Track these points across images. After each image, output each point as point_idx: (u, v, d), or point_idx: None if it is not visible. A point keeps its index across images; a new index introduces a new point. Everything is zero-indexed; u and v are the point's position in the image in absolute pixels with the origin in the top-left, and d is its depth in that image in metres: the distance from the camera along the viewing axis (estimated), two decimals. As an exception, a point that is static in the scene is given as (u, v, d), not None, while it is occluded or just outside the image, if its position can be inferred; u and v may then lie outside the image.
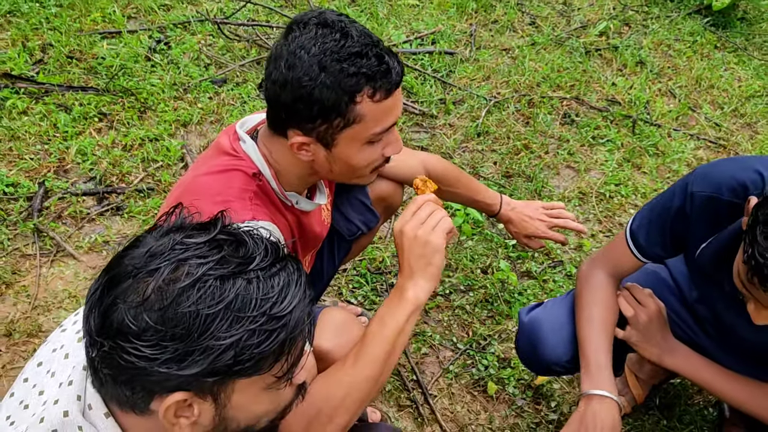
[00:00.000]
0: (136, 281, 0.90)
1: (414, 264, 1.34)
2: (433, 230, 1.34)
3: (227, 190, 1.39)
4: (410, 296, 1.34)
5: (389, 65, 1.32)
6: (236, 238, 0.96)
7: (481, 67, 3.61)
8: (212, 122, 3.08)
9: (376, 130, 1.35)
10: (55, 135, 2.88)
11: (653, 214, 1.69)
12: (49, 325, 2.27)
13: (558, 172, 3.10)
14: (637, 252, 1.73)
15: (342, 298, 2.46)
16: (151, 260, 0.91)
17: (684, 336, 1.87)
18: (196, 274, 0.89)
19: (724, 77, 3.84)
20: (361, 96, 1.30)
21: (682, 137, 3.37)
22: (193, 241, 0.93)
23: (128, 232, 2.56)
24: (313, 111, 1.30)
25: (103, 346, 0.90)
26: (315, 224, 1.65)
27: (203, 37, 3.52)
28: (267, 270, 0.93)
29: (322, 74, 1.27)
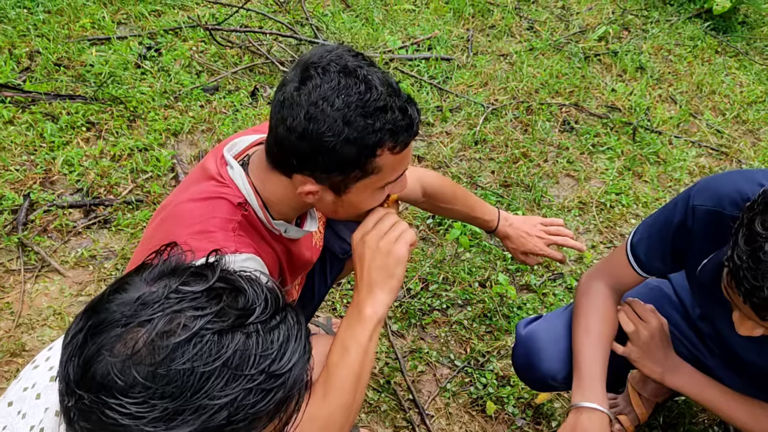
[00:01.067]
0: (126, 331, 0.82)
1: (375, 276, 1.30)
2: (396, 241, 1.30)
3: (210, 220, 1.32)
4: (369, 313, 1.29)
5: (412, 118, 1.27)
6: (235, 285, 0.88)
7: (478, 74, 3.54)
8: (204, 131, 3.01)
9: (390, 179, 1.32)
10: (41, 145, 2.81)
11: (654, 228, 1.64)
12: (33, 344, 2.20)
13: (557, 181, 3.04)
14: (636, 266, 1.67)
15: (336, 314, 2.39)
16: (142, 309, 0.83)
17: (688, 354, 1.81)
18: (192, 328, 0.82)
19: (725, 83, 3.78)
20: (382, 150, 1.25)
21: (683, 144, 3.30)
22: (190, 289, 0.85)
23: (116, 247, 2.49)
24: (332, 164, 1.25)
25: (82, 398, 0.82)
26: (304, 250, 1.58)
27: (195, 43, 3.45)
28: (266, 323, 0.86)
29: (347, 129, 1.21)
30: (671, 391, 2.16)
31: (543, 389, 2.00)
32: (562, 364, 1.77)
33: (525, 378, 1.91)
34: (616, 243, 2.78)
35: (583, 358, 1.66)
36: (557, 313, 1.90)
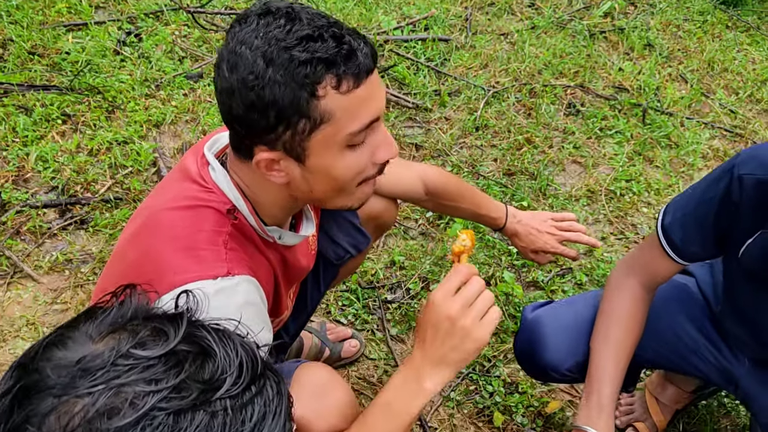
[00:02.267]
0: (60, 404, 0.66)
1: (446, 353, 1.13)
2: (480, 321, 1.12)
3: (196, 234, 1.14)
4: (429, 388, 1.13)
5: (352, 46, 1.06)
6: (203, 347, 0.71)
7: (477, 54, 3.35)
8: (187, 122, 2.83)
9: (352, 128, 1.09)
10: (14, 140, 2.63)
11: (690, 206, 1.46)
12: (5, 358, 2.04)
13: (564, 168, 2.87)
14: (672, 252, 1.49)
15: (330, 317, 2.23)
16: (82, 377, 0.67)
17: (715, 362, 1.65)
18: (142, 407, 0.65)
19: (737, 59, 3.59)
20: (323, 88, 1.05)
21: (695, 126, 3.13)
22: (144, 354, 0.68)
23: (93, 249, 2.32)
24: (270, 117, 1.06)
25: None
26: (300, 257, 1.41)
27: (177, 27, 3.25)
28: (238, 398, 0.69)
29: (270, 69, 1.03)
30: (692, 397, 2.02)
31: (543, 379, 1.88)
32: (567, 355, 1.66)
33: (525, 366, 1.79)
34: (627, 234, 2.62)
35: (597, 374, 1.53)
36: (569, 300, 1.79)
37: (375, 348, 2.16)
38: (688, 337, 1.69)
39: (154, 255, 1.15)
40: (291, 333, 1.74)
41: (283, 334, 1.72)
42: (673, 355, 1.70)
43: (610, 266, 2.46)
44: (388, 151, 1.17)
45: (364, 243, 1.71)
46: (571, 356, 1.65)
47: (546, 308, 1.74)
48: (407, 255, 2.42)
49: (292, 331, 1.74)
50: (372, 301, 2.28)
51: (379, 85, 1.13)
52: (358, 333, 2.17)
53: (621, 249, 2.56)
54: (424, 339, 1.14)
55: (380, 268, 2.37)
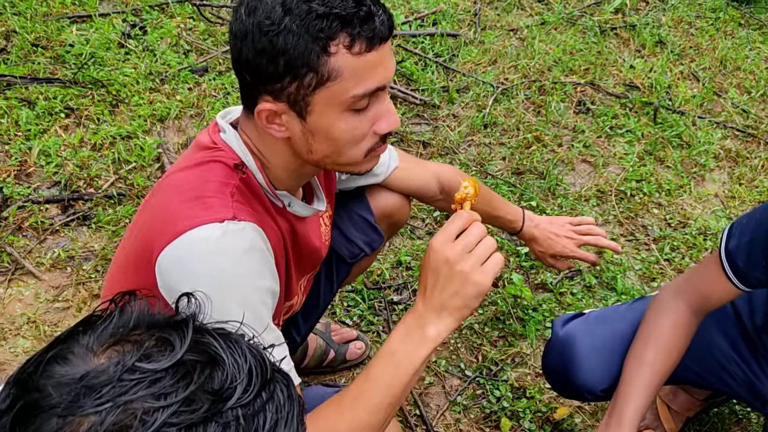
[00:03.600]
0: (66, 424, 0.62)
1: (446, 299, 1.09)
2: (482, 266, 1.08)
3: (204, 185, 1.15)
4: (433, 335, 1.09)
5: (371, 10, 1.07)
6: (210, 355, 0.67)
7: (486, 50, 3.31)
8: (192, 116, 2.79)
9: (357, 91, 1.09)
10: (16, 134, 2.59)
11: (758, 231, 1.38)
12: (6, 357, 2.01)
13: (573, 168, 2.82)
14: (734, 277, 1.42)
15: (336, 318, 2.20)
16: (87, 394, 0.63)
17: (743, 376, 1.61)
18: (152, 424, 0.61)
19: (750, 58, 3.54)
20: (336, 45, 1.05)
21: (707, 126, 3.08)
22: (150, 368, 0.64)
23: (95, 246, 2.29)
24: (279, 66, 1.06)
25: None
26: (312, 236, 1.39)
27: (182, 20, 3.21)
28: (250, 406, 0.65)
29: (287, 18, 1.03)
30: (703, 404, 1.98)
31: (573, 398, 1.82)
32: (602, 376, 1.59)
33: (555, 383, 1.74)
34: (637, 235, 2.58)
35: (624, 394, 1.47)
36: (602, 316, 1.70)
37: (381, 350, 2.13)
38: (719, 352, 1.64)
39: (163, 209, 1.16)
40: (302, 333, 1.71)
41: (294, 334, 1.69)
42: (703, 371, 1.65)
43: (620, 269, 2.42)
44: (390, 122, 1.16)
45: (378, 241, 1.68)
46: (607, 378, 1.58)
47: (578, 323, 1.67)
48: (414, 255, 2.39)
49: (303, 331, 1.71)
50: (378, 302, 2.25)
51: (390, 55, 1.13)
52: (364, 335, 2.13)
53: (631, 251, 2.52)
54: (425, 286, 1.11)
55: (386, 268, 2.33)
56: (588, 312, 1.73)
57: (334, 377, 2.06)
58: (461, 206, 1.17)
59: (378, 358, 1.11)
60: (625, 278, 2.40)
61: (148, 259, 1.13)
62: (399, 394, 1.09)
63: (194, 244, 1.08)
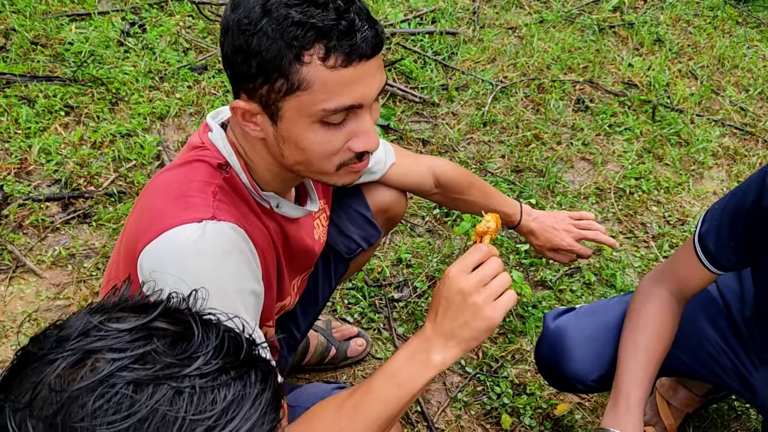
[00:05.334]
0: (32, 373, 0.67)
1: (455, 329, 1.08)
2: (494, 301, 1.08)
3: (187, 184, 1.15)
4: (437, 362, 1.08)
5: (353, 25, 1.03)
6: (180, 328, 0.70)
7: (485, 49, 3.31)
8: (191, 114, 2.80)
9: (328, 105, 1.06)
10: (16, 132, 2.59)
11: (724, 214, 1.43)
12: (7, 354, 2.02)
13: (572, 166, 2.83)
14: (707, 261, 1.46)
15: (337, 316, 2.20)
16: (57, 346, 0.68)
17: (731, 367, 1.63)
18: (101, 372, 0.65)
19: (747, 56, 3.55)
20: (309, 55, 1.03)
21: (705, 123, 3.09)
22: (115, 326, 0.69)
23: (96, 244, 2.29)
24: (252, 66, 1.05)
25: None
26: (305, 236, 1.39)
27: (181, 18, 3.21)
28: (211, 377, 0.67)
29: (265, 19, 1.02)
30: (702, 400, 1.99)
31: (565, 390, 1.84)
32: (592, 366, 1.62)
33: (548, 375, 1.76)
34: (636, 233, 2.59)
35: (625, 378, 1.48)
36: (592, 308, 1.73)
37: (381, 347, 2.14)
38: (709, 343, 1.65)
39: (147, 209, 1.17)
40: (302, 329, 1.71)
41: (294, 330, 1.69)
42: (694, 362, 1.67)
43: (619, 266, 2.43)
44: (366, 142, 1.13)
45: (375, 236, 1.68)
46: (597, 367, 1.61)
47: (569, 317, 1.70)
48: (414, 253, 2.39)
49: (303, 328, 1.72)
50: (378, 300, 2.25)
51: (373, 73, 1.09)
52: (364, 332, 2.14)
53: (630, 248, 2.53)
54: (436, 312, 1.11)
55: (387, 266, 2.34)
56: (579, 306, 1.75)
57: (335, 374, 2.07)
58: (481, 239, 1.18)
59: (381, 373, 1.11)
60: (624, 275, 2.41)
61: (134, 258, 1.13)
62: (396, 412, 1.09)
63: (172, 244, 1.08)
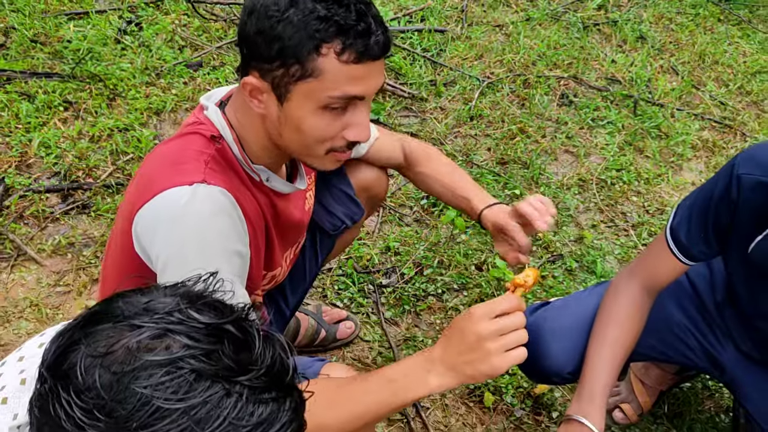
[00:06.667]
0: (114, 329, 0.74)
1: (460, 363, 1.14)
2: (504, 353, 1.14)
3: (181, 153, 1.24)
4: (433, 384, 1.15)
5: (370, 28, 1.15)
6: (246, 338, 0.77)
7: (473, 45, 3.41)
8: (187, 109, 2.88)
9: (334, 93, 1.17)
10: (16, 126, 2.68)
11: (694, 206, 1.49)
12: (9, 338, 2.10)
13: (556, 158, 2.93)
14: (678, 252, 1.51)
15: (327, 300, 2.29)
16: (142, 314, 0.75)
17: (699, 347, 1.72)
18: (173, 354, 0.71)
19: (728, 52, 3.65)
20: (327, 48, 1.14)
21: (686, 117, 3.19)
22: (196, 317, 0.75)
23: (95, 233, 2.38)
24: (272, 49, 1.15)
25: (45, 382, 0.74)
26: (293, 210, 1.47)
27: (177, 16, 3.30)
28: (256, 392, 0.73)
29: (292, 9, 1.13)
30: (675, 378, 2.09)
31: (544, 382, 1.91)
32: (569, 359, 1.68)
33: (526, 369, 1.81)
34: (617, 222, 2.68)
35: (591, 368, 1.56)
36: (566, 301, 1.81)
37: (370, 330, 2.23)
38: (677, 326, 1.74)
39: (145, 176, 1.26)
40: (291, 306, 1.79)
41: (283, 306, 1.77)
42: (664, 346, 1.74)
43: (600, 253, 2.53)
44: (360, 133, 1.24)
45: (358, 214, 1.77)
46: (573, 360, 1.66)
47: (544, 312, 1.76)
48: (402, 241, 2.48)
49: (292, 304, 1.79)
50: (367, 286, 2.34)
51: (378, 73, 1.21)
52: (354, 316, 2.23)
53: (611, 236, 2.63)
54: (449, 341, 1.16)
55: (375, 253, 2.43)
56: (553, 300, 1.82)
57: (325, 355, 2.15)
58: (514, 290, 1.24)
59: (379, 376, 1.18)
60: (604, 262, 2.50)
61: (130, 221, 1.22)
62: (381, 414, 1.17)
63: (164, 204, 1.17)
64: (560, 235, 2.59)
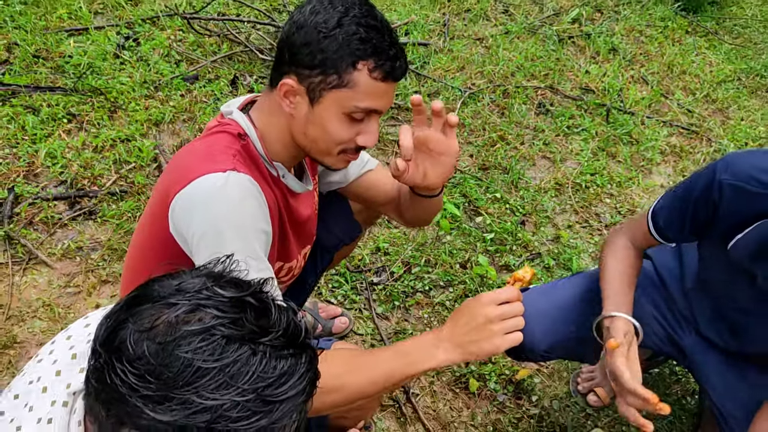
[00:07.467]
0: (154, 308, 0.89)
1: (466, 341, 1.32)
2: (504, 335, 1.31)
3: (212, 147, 1.41)
4: (440, 358, 1.32)
5: (398, 54, 1.35)
6: (263, 306, 0.92)
7: (455, 58, 3.59)
8: (185, 120, 3.04)
9: (361, 104, 1.35)
10: (23, 138, 2.82)
11: (676, 198, 1.68)
12: (24, 336, 2.24)
13: (534, 163, 3.11)
14: (654, 232, 1.73)
15: (322, 298, 2.45)
16: (176, 294, 0.90)
17: (663, 333, 1.89)
18: (206, 324, 0.87)
19: (695, 62, 3.87)
20: (362, 65, 1.32)
21: (655, 124, 3.39)
22: (221, 292, 0.91)
23: (102, 238, 2.52)
24: (315, 59, 1.33)
25: (100, 356, 0.89)
26: (302, 208, 1.62)
27: (173, 32, 3.46)
28: (277, 349, 0.88)
29: (338, 29, 1.32)
30: (645, 365, 2.26)
31: (519, 359, 2.08)
32: (543, 338, 1.85)
33: None
34: (591, 222, 2.87)
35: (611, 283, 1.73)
36: (543, 289, 1.98)
37: (362, 325, 2.39)
38: (642, 311, 1.92)
39: (177, 168, 1.41)
40: None
41: None
42: None
43: (575, 251, 2.71)
44: (368, 139, 1.43)
45: (356, 232, 1.94)
46: (547, 339, 1.85)
47: (524, 296, 1.93)
48: (391, 242, 2.65)
49: None
50: (359, 283, 2.51)
51: (392, 94, 1.41)
52: (347, 311, 2.39)
53: (586, 236, 2.81)
54: (457, 321, 1.34)
55: (366, 254, 2.59)
56: (533, 287, 2.00)
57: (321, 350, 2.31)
58: (513, 283, 1.43)
59: (393, 349, 1.35)
60: (579, 259, 2.68)
61: (166, 206, 1.37)
62: (396, 381, 1.33)
63: (201, 188, 1.33)
64: (538, 235, 2.77)
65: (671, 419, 2.20)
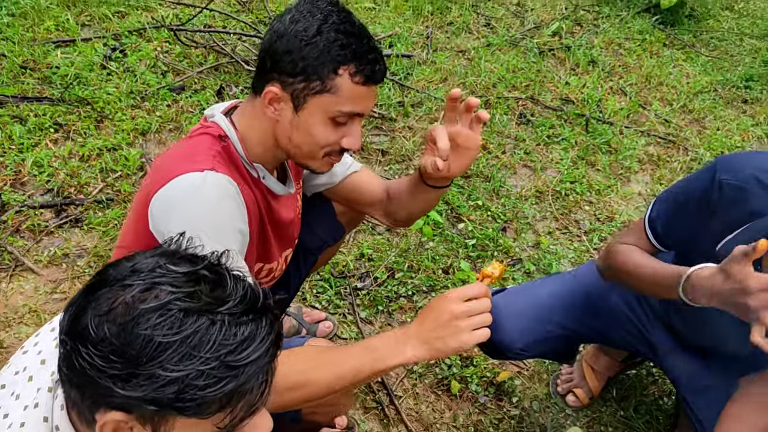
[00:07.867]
0: (110, 291, 0.92)
1: (432, 338, 1.32)
2: (471, 332, 1.32)
3: (193, 148, 1.44)
4: (408, 355, 1.33)
5: (377, 58, 1.40)
6: (218, 278, 0.96)
7: (438, 69, 3.66)
8: (171, 130, 3.08)
9: (344, 108, 1.40)
10: (10, 147, 2.85)
11: (673, 203, 1.67)
12: (11, 341, 2.26)
13: (515, 172, 3.17)
14: (654, 240, 1.71)
15: (306, 303, 2.49)
16: (131, 275, 0.93)
17: (633, 330, 1.94)
18: (162, 300, 0.90)
19: (672, 74, 3.96)
20: (343, 70, 1.37)
21: (633, 134, 3.47)
22: (174, 269, 0.94)
23: (88, 245, 2.55)
24: (297, 66, 1.38)
25: (66, 344, 0.92)
26: (283, 210, 1.64)
27: (159, 44, 3.50)
28: (236, 317, 0.92)
29: (319, 36, 1.36)
30: (622, 366, 2.32)
31: (498, 357, 2.12)
32: (519, 337, 1.90)
33: (483, 346, 1.99)
34: (571, 229, 2.93)
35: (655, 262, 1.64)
36: (520, 289, 2.03)
37: (346, 329, 2.42)
38: (618, 310, 1.97)
39: (160, 167, 1.44)
40: None
41: None
42: (606, 330, 1.98)
43: (555, 257, 2.76)
44: (352, 142, 1.48)
45: (339, 233, 1.97)
46: (522, 338, 1.89)
47: (500, 296, 1.98)
48: (375, 248, 2.70)
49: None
50: (343, 289, 2.55)
51: (374, 96, 1.47)
52: (331, 316, 2.43)
53: (565, 242, 2.87)
54: (425, 318, 1.35)
55: (350, 259, 2.63)
56: (510, 287, 2.04)
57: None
58: (482, 280, 1.44)
59: (361, 345, 1.36)
60: (559, 265, 2.74)
61: (146, 205, 1.40)
62: (363, 377, 1.34)
63: (179, 188, 1.36)
64: (519, 241, 2.82)
65: (648, 419, 2.25)
